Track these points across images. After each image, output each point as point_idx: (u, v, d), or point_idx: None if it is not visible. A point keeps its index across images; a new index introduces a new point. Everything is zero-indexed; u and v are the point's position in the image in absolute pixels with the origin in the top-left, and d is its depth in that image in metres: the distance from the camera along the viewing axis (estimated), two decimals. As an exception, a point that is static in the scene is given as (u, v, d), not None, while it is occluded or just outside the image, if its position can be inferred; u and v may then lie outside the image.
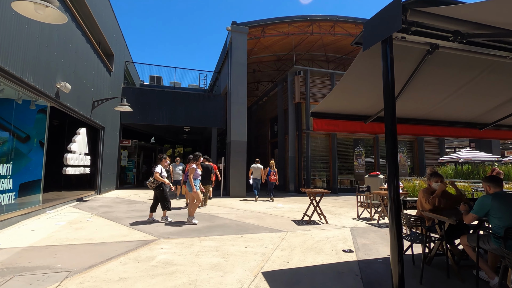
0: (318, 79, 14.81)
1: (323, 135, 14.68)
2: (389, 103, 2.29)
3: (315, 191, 6.25)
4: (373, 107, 3.98)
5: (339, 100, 3.80)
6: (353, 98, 3.80)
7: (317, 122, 3.94)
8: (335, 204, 9.63)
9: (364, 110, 4.09)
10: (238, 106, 11.83)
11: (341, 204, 9.63)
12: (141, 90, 15.04)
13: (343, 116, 4.12)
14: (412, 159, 16.32)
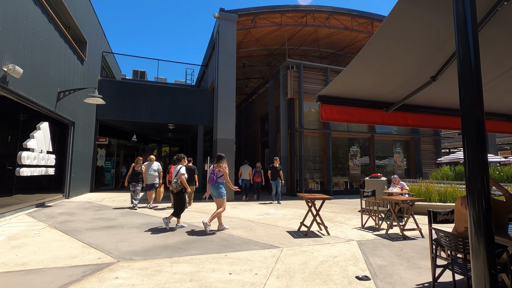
0: (312, 74, 13.91)
1: (317, 134, 13.80)
2: (471, 74, 1.31)
3: (314, 197, 5.27)
4: (400, 89, 3.02)
5: (357, 78, 2.83)
6: (376, 76, 2.83)
7: (325, 110, 2.95)
8: (333, 209, 8.71)
9: (387, 94, 3.12)
10: (226, 101, 10.77)
11: (339, 209, 8.71)
12: (120, 84, 13.77)
13: (360, 103, 3.14)
14: (408, 159, 15.66)
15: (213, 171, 5.38)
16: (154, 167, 8.39)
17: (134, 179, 8.19)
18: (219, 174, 5.36)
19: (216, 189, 5.36)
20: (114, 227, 5.59)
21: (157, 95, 14.00)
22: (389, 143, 15.33)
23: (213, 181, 5.32)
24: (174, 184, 5.52)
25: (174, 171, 5.74)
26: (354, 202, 10.48)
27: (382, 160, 15.12)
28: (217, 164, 5.40)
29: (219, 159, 5.49)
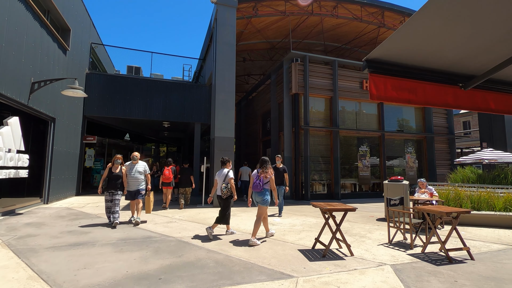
0: (318, 67, 12.83)
1: (323, 132, 12.71)
2: None
3: (334, 208, 4.19)
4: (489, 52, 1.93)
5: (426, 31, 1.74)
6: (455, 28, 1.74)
7: (377, 83, 1.87)
8: (347, 217, 7.62)
9: (468, 60, 2.03)
10: (225, 95, 9.69)
11: (353, 217, 7.62)
12: (110, 78, 12.69)
13: (425, 74, 2.05)
14: (420, 160, 14.58)
15: (258, 176, 4.95)
16: (139, 168, 6.36)
17: (111, 185, 6.07)
18: (265, 180, 4.93)
19: (262, 195, 4.94)
20: (84, 244, 4.50)
21: (151, 90, 12.95)
22: (400, 143, 14.26)
23: (259, 187, 4.88)
24: (225, 189, 5.13)
25: (220, 175, 5.34)
26: (368, 208, 9.40)
27: (393, 160, 14.04)
28: (262, 170, 4.98)
29: (263, 163, 5.04)
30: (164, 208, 8.57)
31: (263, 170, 4.94)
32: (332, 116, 12.69)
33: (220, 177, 5.29)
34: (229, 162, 5.40)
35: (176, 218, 6.90)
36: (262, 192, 4.91)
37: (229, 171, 5.30)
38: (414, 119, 14.73)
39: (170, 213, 7.74)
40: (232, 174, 5.30)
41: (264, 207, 4.92)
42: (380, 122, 13.75)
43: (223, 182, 5.19)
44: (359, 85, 13.38)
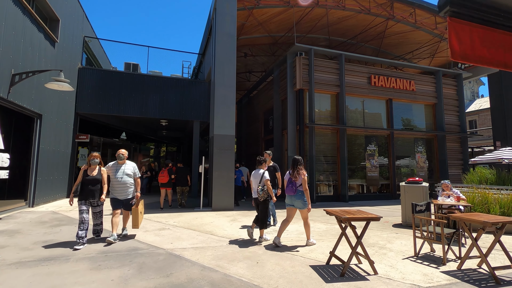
0: (324, 61, 12.12)
1: (330, 130, 12.00)
2: None
3: (353, 217, 3.48)
4: None
5: None
6: None
7: (459, 33, 1.16)
8: (359, 222, 6.89)
9: None
10: (225, 90, 8.99)
11: (366, 222, 6.88)
12: (105, 73, 12.02)
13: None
14: (431, 160, 13.84)
15: (290, 179, 4.62)
16: (127, 170, 4.98)
17: (87, 192, 4.55)
18: (298, 182, 4.57)
19: (299, 198, 4.59)
20: (56, 259, 3.81)
21: (147, 87, 12.29)
22: (410, 141, 13.52)
23: (293, 191, 4.55)
24: (261, 192, 4.84)
25: (256, 176, 5.04)
26: (380, 211, 8.67)
27: (402, 160, 13.30)
28: (294, 171, 4.63)
29: (295, 163, 4.68)
30: (173, 207, 8.96)
31: (295, 171, 4.59)
32: (339, 113, 11.97)
33: (256, 179, 5.00)
34: (265, 162, 5.08)
35: (170, 224, 6.21)
36: (298, 195, 4.56)
37: (265, 172, 4.96)
38: (424, 116, 13.99)
39: (164, 217, 7.05)
40: (268, 175, 4.95)
41: (305, 211, 4.63)
42: (389, 120, 13.02)
43: (259, 184, 4.89)
44: (367, 81, 12.66)
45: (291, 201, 4.67)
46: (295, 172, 4.59)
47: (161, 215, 7.43)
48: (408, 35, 15.35)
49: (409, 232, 5.76)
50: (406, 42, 16.19)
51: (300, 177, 4.55)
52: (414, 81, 13.43)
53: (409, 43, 16.21)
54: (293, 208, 4.71)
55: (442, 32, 13.96)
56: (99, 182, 4.72)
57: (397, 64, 13.94)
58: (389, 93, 12.96)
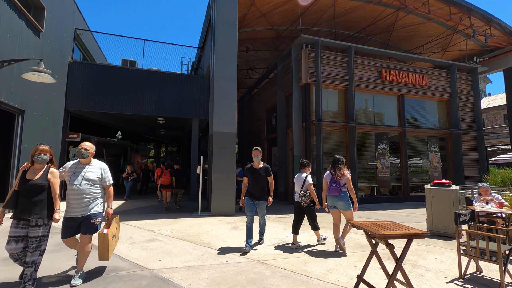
0: (331, 54, 11.31)
1: (338, 128, 11.19)
2: None
3: (392, 233, 2.66)
4: None
5: None
6: None
7: None
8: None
9: None
10: (225, 83, 8.20)
11: (385, 230, 6.06)
12: (97, 68, 11.25)
13: None
14: (445, 159, 12.99)
15: (333, 178, 4.44)
16: (89, 174, 3.46)
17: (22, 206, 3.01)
18: (342, 182, 4.41)
19: (343, 199, 4.41)
20: (12, 285, 3.02)
21: (143, 83, 11.51)
22: (423, 140, 12.68)
23: (338, 191, 4.37)
24: (303, 197, 4.66)
25: (298, 180, 4.83)
26: (396, 216, 7.85)
27: (415, 160, 12.47)
28: (336, 170, 4.46)
29: (336, 163, 4.52)
30: (165, 208, 8.81)
31: (338, 170, 4.42)
32: (348, 109, 11.16)
33: (298, 182, 4.79)
34: (308, 166, 4.86)
35: (163, 234, 5.42)
36: (342, 195, 4.39)
37: (307, 176, 4.73)
38: (437, 113, 13.15)
39: (157, 225, 6.26)
40: (310, 179, 4.73)
41: (349, 212, 4.41)
42: (401, 117, 12.20)
43: (301, 188, 4.71)
44: (377, 75, 11.84)
45: (333, 202, 4.47)
46: (337, 171, 4.40)
47: (154, 222, 6.65)
48: (419, 27, 14.51)
49: (439, 244, 4.94)
50: (417, 35, 15.35)
51: (344, 177, 4.37)
52: (427, 75, 12.60)
53: (419, 36, 15.37)
54: (337, 211, 4.52)
55: (456, 23, 13.11)
56: (44, 190, 3.11)
57: (409, 58, 13.08)
58: (401, 88, 12.13)
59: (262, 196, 4.65)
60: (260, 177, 4.69)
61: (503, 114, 26.10)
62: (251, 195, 4.67)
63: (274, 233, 5.69)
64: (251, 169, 4.76)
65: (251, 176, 4.71)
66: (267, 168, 4.79)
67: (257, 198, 4.63)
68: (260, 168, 4.74)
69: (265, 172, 4.73)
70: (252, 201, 4.66)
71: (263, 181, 4.70)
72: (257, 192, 4.64)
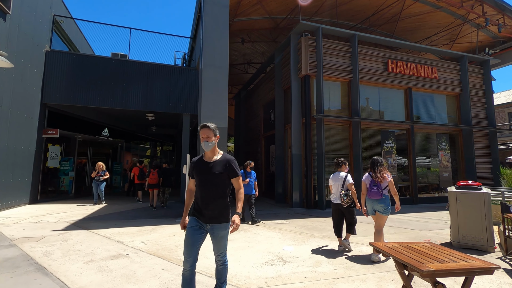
0: (334, 43, 10.37)
1: (341, 123, 10.27)
2: None
3: (442, 265, 1.72)
4: None
5: None
6: None
7: None
8: (392, 242, 5.16)
9: None
10: (215, 72, 7.26)
11: (401, 240, 5.16)
12: (78, 58, 10.31)
13: None
14: (455, 158, 12.09)
15: (373, 181, 4.21)
16: None
17: None
18: (383, 185, 4.16)
19: (383, 202, 4.16)
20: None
21: (129, 75, 10.60)
22: (432, 137, 11.77)
23: (379, 194, 4.13)
24: (345, 197, 4.43)
25: (336, 180, 4.60)
26: (409, 222, 6.92)
27: (423, 158, 11.56)
28: (376, 172, 4.22)
29: (376, 164, 4.28)
30: (152, 207, 8.84)
31: (377, 173, 4.20)
32: (351, 104, 10.23)
33: (337, 182, 4.56)
34: (345, 164, 4.67)
35: (134, 247, 4.48)
36: (383, 199, 4.15)
37: (347, 175, 4.54)
38: (446, 108, 12.24)
39: (131, 234, 5.33)
40: (351, 179, 4.53)
41: (385, 217, 4.20)
42: (408, 112, 11.28)
43: (342, 188, 4.48)
44: (383, 66, 10.92)
45: (373, 206, 4.20)
46: (377, 173, 4.16)
47: (130, 230, 5.71)
48: (427, 17, 13.60)
49: (471, 260, 4.02)
50: (423, 26, 14.45)
51: (385, 180, 4.14)
52: (436, 67, 11.68)
53: (426, 27, 14.47)
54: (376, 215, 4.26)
55: (467, 12, 12.20)
56: None
57: (418, 48, 12.13)
58: (409, 81, 11.21)
59: (219, 215, 2.50)
60: (215, 179, 2.50)
61: (507, 112, 25.26)
62: (198, 213, 2.54)
63: (268, 245, 4.75)
64: (199, 164, 2.59)
65: (198, 177, 2.55)
66: (230, 162, 2.55)
67: (210, 219, 2.49)
68: (215, 163, 2.54)
69: (226, 169, 2.52)
70: (199, 224, 2.52)
71: (222, 187, 2.53)
72: (208, 207, 2.48)
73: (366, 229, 6.02)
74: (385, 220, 4.20)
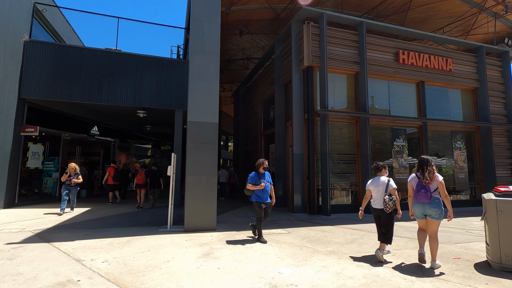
0: (339, 32, 9.44)
1: (347, 120, 9.34)
2: None
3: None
4: None
5: None
6: None
7: None
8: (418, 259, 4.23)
9: None
10: (204, 59, 6.36)
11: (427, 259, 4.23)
12: (60, 49, 9.47)
13: None
14: (471, 158, 11.09)
15: (420, 183, 3.81)
16: None
17: None
18: (432, 186, 3.74)
19: (437, 207, 3.73)
20: None
21: (116, 68, 9.79)
22: (446, 135, 10.78)
23: (428, 197, 3.72)
24: (390, 202, 4.06)
25: (378, 185, 4.27)
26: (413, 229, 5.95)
27: (437, 158, 10.58)
28: (424, 172, 3.82)
29: (424, 164, 3.88)
30: (139, 207, 9.02)
31: (426, 173, 3.83)
32: (359, 98, 9.29)
33: (379, 187, 4.31)
34: (385, 168, 4.49)
35: (93, 267, 3.60)
36: (435, 202, 3.76)
37: (390, 180, 4.33)
38: (461, 104, 11.24)
39: (99, 248, 4.45)
40: (394, 184, 4.30)
41: (438, 222, 3.81)
42: (421, 108, 10.31)
43: (385, 193, 4.23)
44: (393, 57, 9.96)
45: (424, 210, 3.85)
46: (426, 174, 3.82)
47: (99, 242, 4.83)
48: (439, 6, 12.60)
49: (525, 291, 3.08)
50: (435, 16, 13.44)
51: (434, 181, 3.78)
52: (451, 59, 10.70)
53: (438, 17, 13.46)
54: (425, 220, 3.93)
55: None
56: None
57: (432, 38, 11.09)
58: (421, 74, 10.24)
59: None
60: None
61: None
62: None
63: (261, 265, 3.84)
64: None
65: None
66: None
67: None
68: None
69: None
70: None
71: None
72: None
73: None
74: (438, 226, 3.85)
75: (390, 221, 4.21)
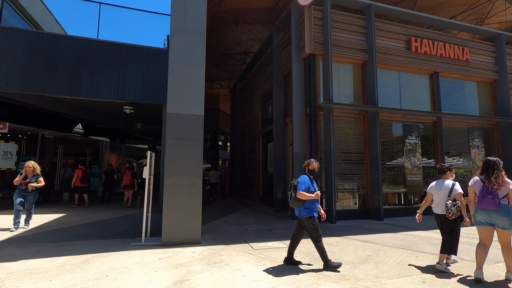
0: (344, 16, 8.42)
1: (353, 115, 8.33)
2: None
3: None
4: None
5: None
6: None
7: None
8: None
9: None
10: (187, 39, 5.36)
11: None
12: (34, 37, 8.48)
13: None
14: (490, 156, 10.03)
15: (486, 188, 3.40)
16: None
17: None
18: (501, 192, 3.34)
19: (506, 215, 3.29)
20: None
21: (97, 58, 8.79)
22: (463, 132, 9.77)
23: (495, 204, 3.31)
24: (453, 207, 3.70)
25: (440, 188, 3.94)
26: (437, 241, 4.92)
27: (452, 157, 9.56)
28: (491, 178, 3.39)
29: (491, 166, 3.47)
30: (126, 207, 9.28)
31: (492, 178, 3.37)
32: (367, 90, 8.29)
33: (442, 190, 3.89)
34: (450, 171, 4.03)
35: None
36: (504, 210, 3.29)
37: (455, 184, 3.89)
38: (478, 97, 10.21)
39: (48, 271, 3.47)
40: (460, 188, 3.85)
41: (509, 232, 3.33)
42: (435, 102, 9.30)
43: (448, 197, 3.80)
44: (404, 45, 8.95)
45: (489, 218, 3.38)
46: (492, 178, 3.36)
47: (50, 262, 3.84)
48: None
49: None
50: (447, 3, 12.42)
51: (504, 187, 3.30)
52: (468, 48, 9.69)
53: (450, 5, 12.44)
54: (490, 229, 3.42)
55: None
56: None
57: (447, 25, 10.00)
58: (435, 64, 9.23)
59: None
60: None
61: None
62: None
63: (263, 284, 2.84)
64: None
65: None
66: None
67: None
68: None
69: None
70: None
71: None
72: None
73: (402, 262, 4.08)
74: (510, 236, 3.39)
75: (454, 229, 3.83)
